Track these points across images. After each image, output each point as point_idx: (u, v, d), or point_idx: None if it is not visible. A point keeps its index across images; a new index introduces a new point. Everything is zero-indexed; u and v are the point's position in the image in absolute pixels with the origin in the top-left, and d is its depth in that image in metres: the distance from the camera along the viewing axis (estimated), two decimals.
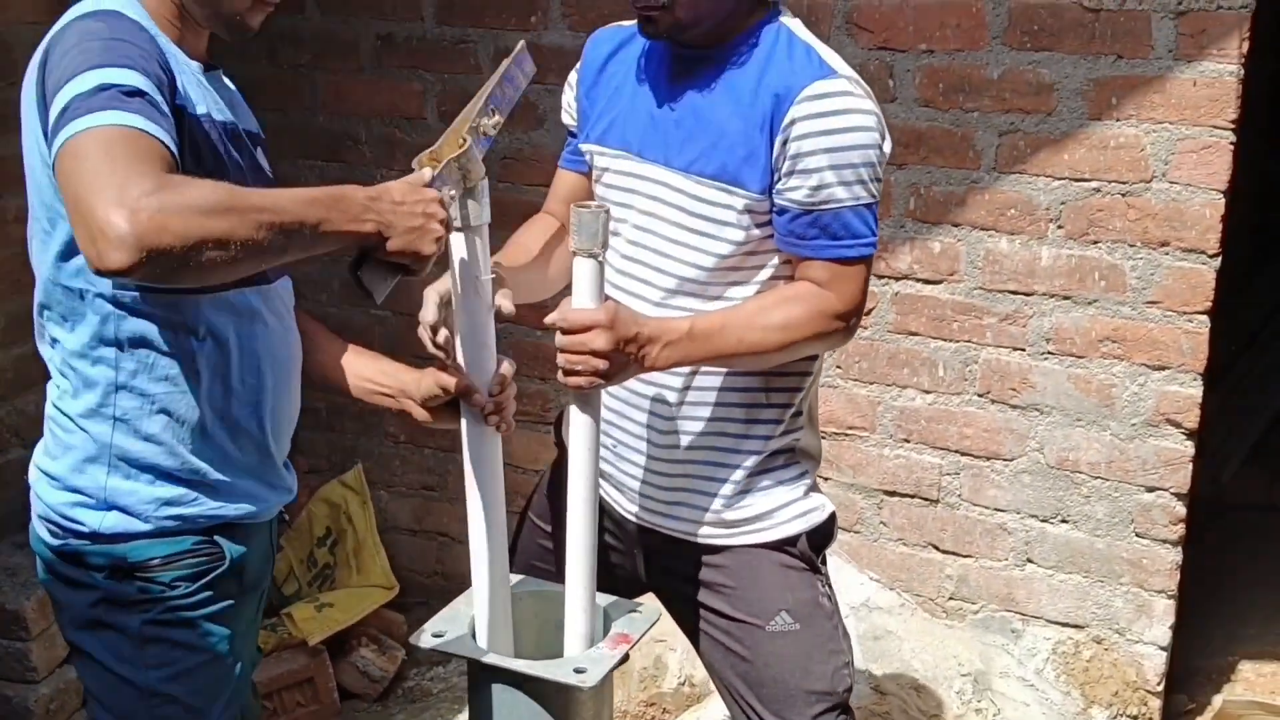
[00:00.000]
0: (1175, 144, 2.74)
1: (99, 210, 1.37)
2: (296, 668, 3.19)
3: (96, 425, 1.71)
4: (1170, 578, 2.98)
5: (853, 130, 1.84)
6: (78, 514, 1.72)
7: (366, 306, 3.68)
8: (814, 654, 2.03)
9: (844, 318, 1.92)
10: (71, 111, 1.45)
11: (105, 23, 1.57)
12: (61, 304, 1.70)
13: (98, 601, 1.74)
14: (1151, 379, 2.89)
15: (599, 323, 1.78)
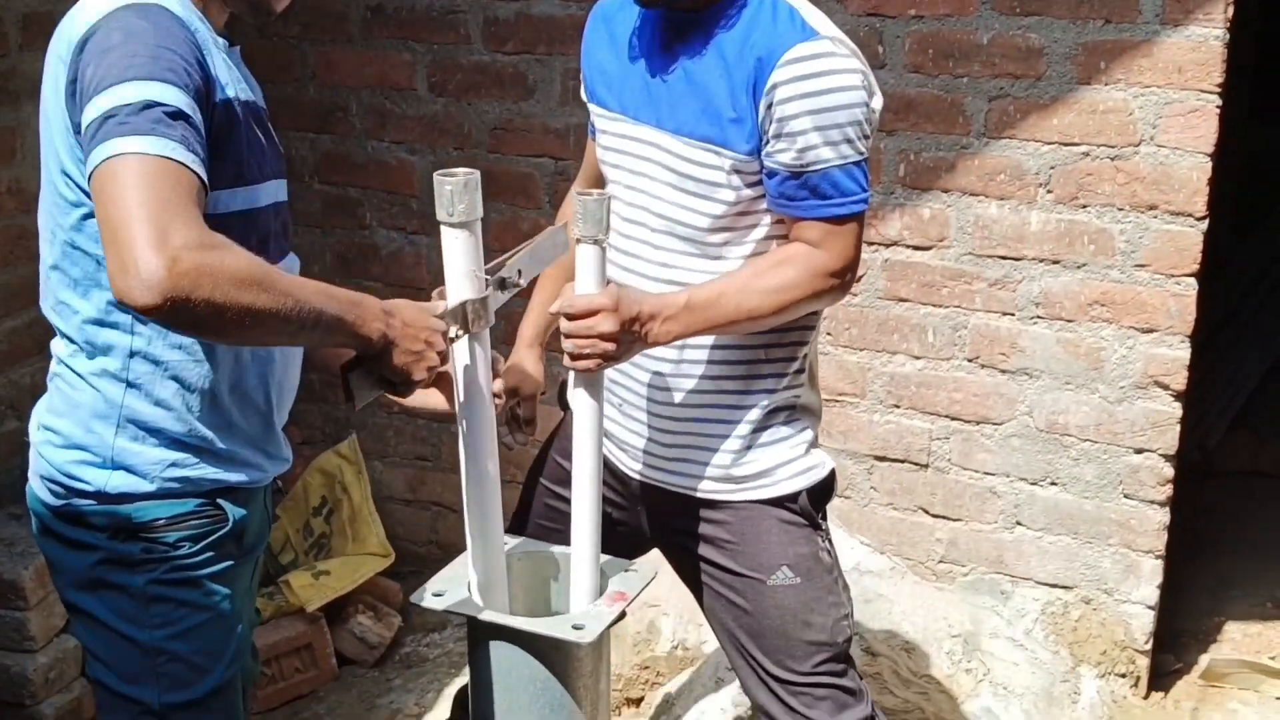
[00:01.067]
0: (1163, 108, 2.76)
1: (138, 248, 1.41)
2: (294, 634, 3.22)
3: (109, 385, 1.72)
4: (1158, 538, 3.02)
5: (836, 91, 1.86)
6: (83, 472, 1.73)
7: (359, 279, 3.69)
8: (814, 607, 2.07)
9: (839, 274, 1.94)
10: (115, 125, 1.48)
11: (150, 21, 1.57)
12: (78, 268, 1.70)
13: (100, 561, 1.75)
14: (1140, 342, 2.92)
15: (604, 306, 1.82)
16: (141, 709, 1.78)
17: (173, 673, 1.77)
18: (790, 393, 2.09)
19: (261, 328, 1.50)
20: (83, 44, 1.57)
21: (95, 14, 1.59)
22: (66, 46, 1.62)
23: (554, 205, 3.37)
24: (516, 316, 3.51)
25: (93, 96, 1.51)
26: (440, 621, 3.50)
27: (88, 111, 1.51)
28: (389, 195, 3.59)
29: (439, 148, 3.49)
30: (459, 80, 3.42)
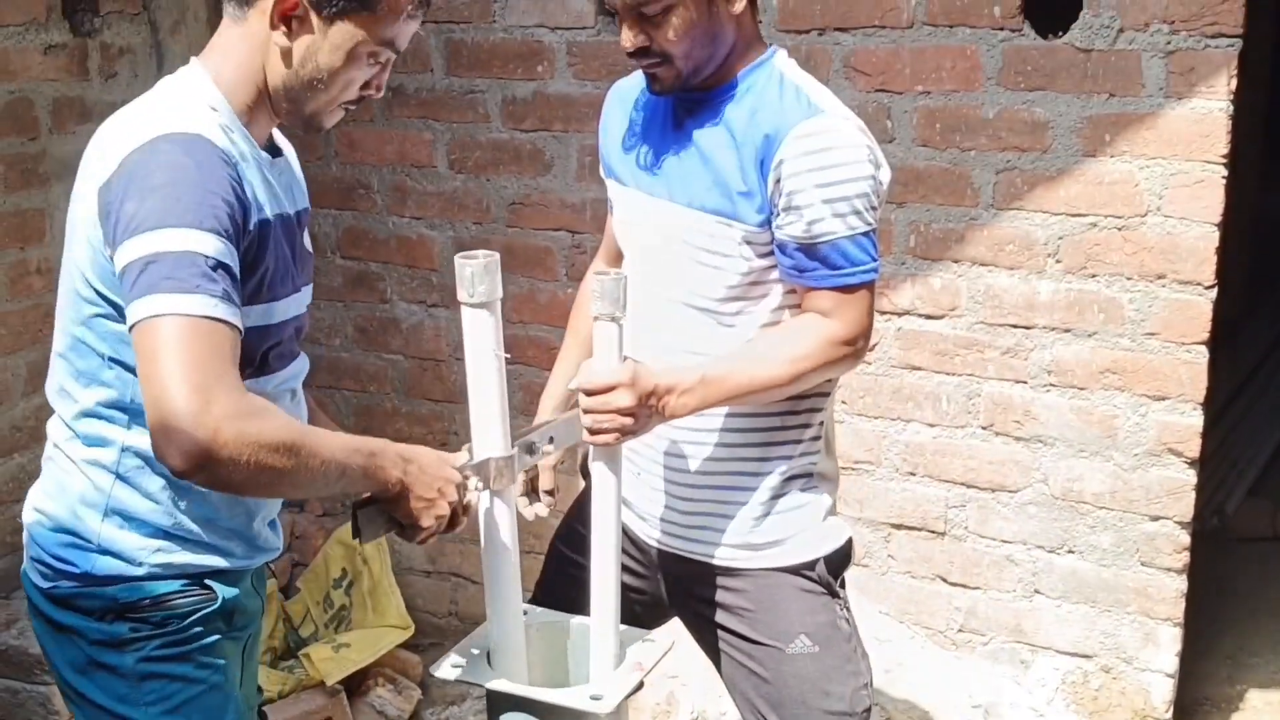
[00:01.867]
0: (1168, 179, 2.81)
1: (180, 414, 1.48)
2: (314, 708, 3.23)
3: (99, 475, 1.74)
4: (1176, 605, 3.02)
5: (842, 165, 1.91)
6: (70, 555, 1.74)
7: (379, 351, 3.75)
8: (833, 675, 2.08)
9: (851, 342, 1.98)
10: (160, 278, 1.51)
11: (194, 160, 1.58)
12: (83, 360, 1.72)
13: (91, 644, 1.75)
14: (1152, 409, 2.94)
15: (621, 382, 1.87)
16: None
17: None
18: (807, 459, 2.12)
19: (289, 486, 1.60)
20: (122, 171, 1.59)
21: (135, 139, 1.61)
22: (101, 163, 1.64)
23: (571, 278, 3.43)
24: (537, 387, 3.56)
25: (135, 235, 1.53)
26: (460, 694, 3.51)
27: (129, 248, 1.54)
28: (409, 270, 3.66)
29: (458, 223, 3.56)
30: (478, 157, 3.49)
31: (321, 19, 1.68)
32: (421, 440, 3.73)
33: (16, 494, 3.11)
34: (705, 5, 1.91)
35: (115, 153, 1.61)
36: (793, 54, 3.01)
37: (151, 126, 1.62)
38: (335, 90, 1.74)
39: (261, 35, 1.70)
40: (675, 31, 1.91)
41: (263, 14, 1.69)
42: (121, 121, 1.69)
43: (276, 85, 1.73)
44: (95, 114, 3.27)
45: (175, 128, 1.61)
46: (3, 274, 3.08)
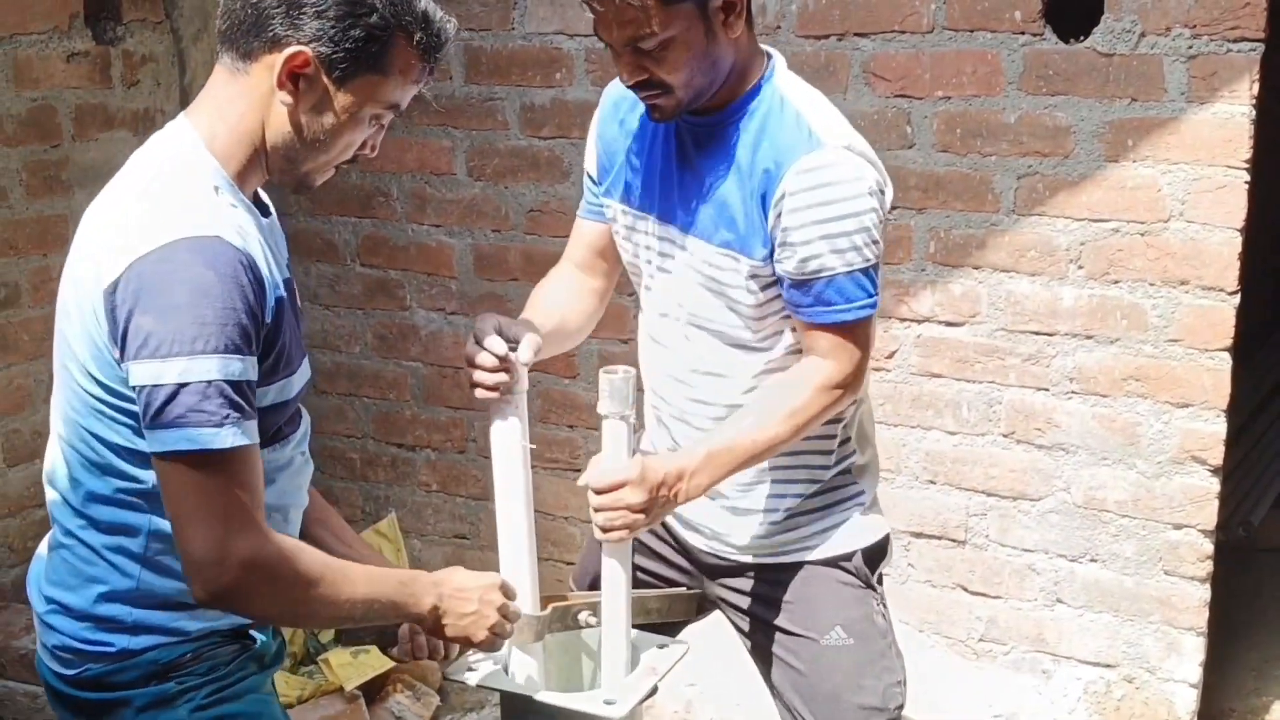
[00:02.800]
0: (1191, 184, 2.79)
1: (203, 559, 1.53)
2: (333, 714, 3.22)
3: (125, 561, 1.68)
4: (1199, 615, 2.99)
5: (842, 200, 1.88)
6: (103, 637, 1.69)
7: (398, 358, 3.75)
8: (866, 669, 2.09)
9: (844, 384, 1.97)
10: (187, 409, 1.49)
11: (216, 271, 1.51)
12: (94, 452, 1.65)
13: (139, 710, 1.70)
14: (1175, 417, 2.91)
15: (630, 479, 1.87)
16: None
17: None
18: (844, 462, 2.13)
19: (310, 620, 1.65)
20: (134, 277, 1.51)
21: (146, 240, 1.53)
22: (103, 255, 1.55)
23: None
24: (556, 394, 3.56)
25: (157, 357, 1.49)
26: (478, 701, 3.50)
27: (151, 369, 1.49)
28: (429, 277, 3.66)
29: (477, 230, 3.56)
30: (496, 164, 3.50)
31: (331, 80, 1.62)
32: (440, 447, 3.74)
33: (38, 498, 3.12)
34: (702, 34, 1.86)
35: (122, 251, 1.53)
36: (812, 60, 3.05)
37: (164, 226, 1.53)
38: (335, 151, 1.69)
39: (263, 91, 1.62)
40: (674, 63, 1.86)
41: (269, 70, 1.61)
42: (123, 207, 1.61)
43: (275, 144, 1.65)
44: (117, 121, 3.30)
45: (190, 230, 1.53)
46: (25, 280, 3.11)
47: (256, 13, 1.60)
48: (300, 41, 1.59)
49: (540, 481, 3.58)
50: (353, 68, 1.62)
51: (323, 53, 1.60)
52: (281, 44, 1.60)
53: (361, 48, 1.61)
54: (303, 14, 1.59)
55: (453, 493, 3.78)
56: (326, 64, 1.61)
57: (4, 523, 3.11)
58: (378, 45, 1.62)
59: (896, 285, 3.10)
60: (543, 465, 3.54)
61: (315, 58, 1.60)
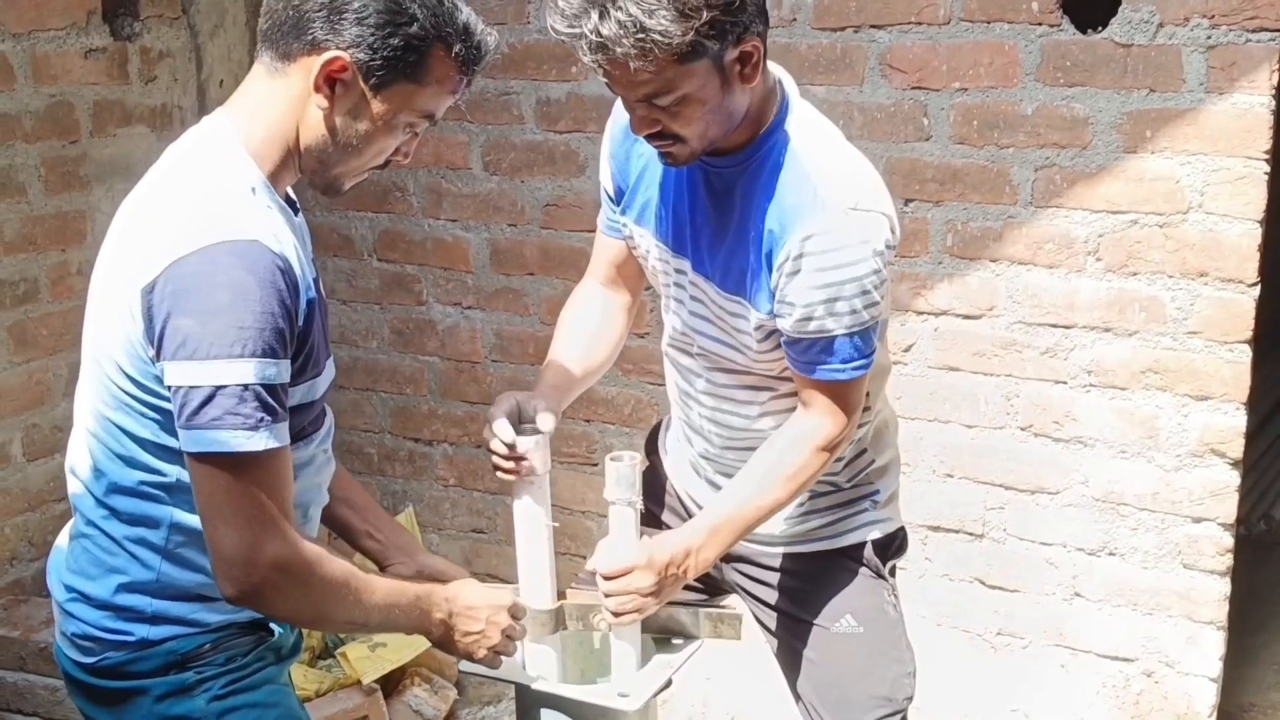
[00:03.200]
0: (1210, 175, 2.77)
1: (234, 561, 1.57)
2: (351, 707, 3.23)
3: (146, 553, 1.70)
4: (1219, 608, 2.97)
5: (843, 265, 1.84)
6: (123, 626, 1.71)
7: (415, 353, 3.76)
8: (877, 659, 2.11)
9: (837, 442, 1.97)
10: (224, 412, 1.51)
11: (255, 276, 1.53)
12: (119, 444, 1.67)
13: (158, 699, 1.72)
14: (1195, 410, 2.89)
15: (638, 565, 1.90)
16: None
17: None
18: (859, 475, 2.13)
19: (330, 625, 1.68)
20: (173, 278, 1.53)
21: (185, 241, 1.54)
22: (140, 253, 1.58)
23: None
24: None
25: (196, 359, 1.51)
26: (496, 694, 3.51)
27: (189, 371, 1.51)
28: (445, 272, 3.67)
29: (493, 224, 3.57)
30: (512, 159, 3.50)
31: (368, 86, 1.63)
32: (457, 441, 3.75)
33: (58, 492, 3.15)
34: (718, 88, 1.78)
35: (161, 250, 1.55)
36: (828, 52, 3.04)
37: (204, 228, 1.55)
38: (367, 156, 1.70)
39: (300, 93, 1.64)
40: (689, 118, 1.80)
41: (306, 72, 1.62)
42: (161, 206, 1.62)
43: (309, 145, 1.67)
44: (135, 117, 3.31)
45: (230, 234, 1.54)
46: (44, 276, 3.12)
47: (298, 15, 1.62)
48: (339, 46, 1.61)
49: (556, 476, 3.56)
50: (390, 75, 1.63)
51: (361, 59, 1.61)
52: (321, 48, 1.61)
53: (400, 56, 1.62)
54: (344, 19, 1.60)
55: (470, 487, 3.79)
56: (364, 70, 1.62)
57: (24, 517, 3.13)
58: (416, 55, 1.63)
59: (913, 279, 3.09)
60: (559, 460, 3.53)
61: (353, 63, 1.61)
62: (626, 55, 1.70)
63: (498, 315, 3.63)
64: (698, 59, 1.73)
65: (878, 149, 3.01)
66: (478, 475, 3.77)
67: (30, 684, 2.93)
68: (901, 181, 3.03)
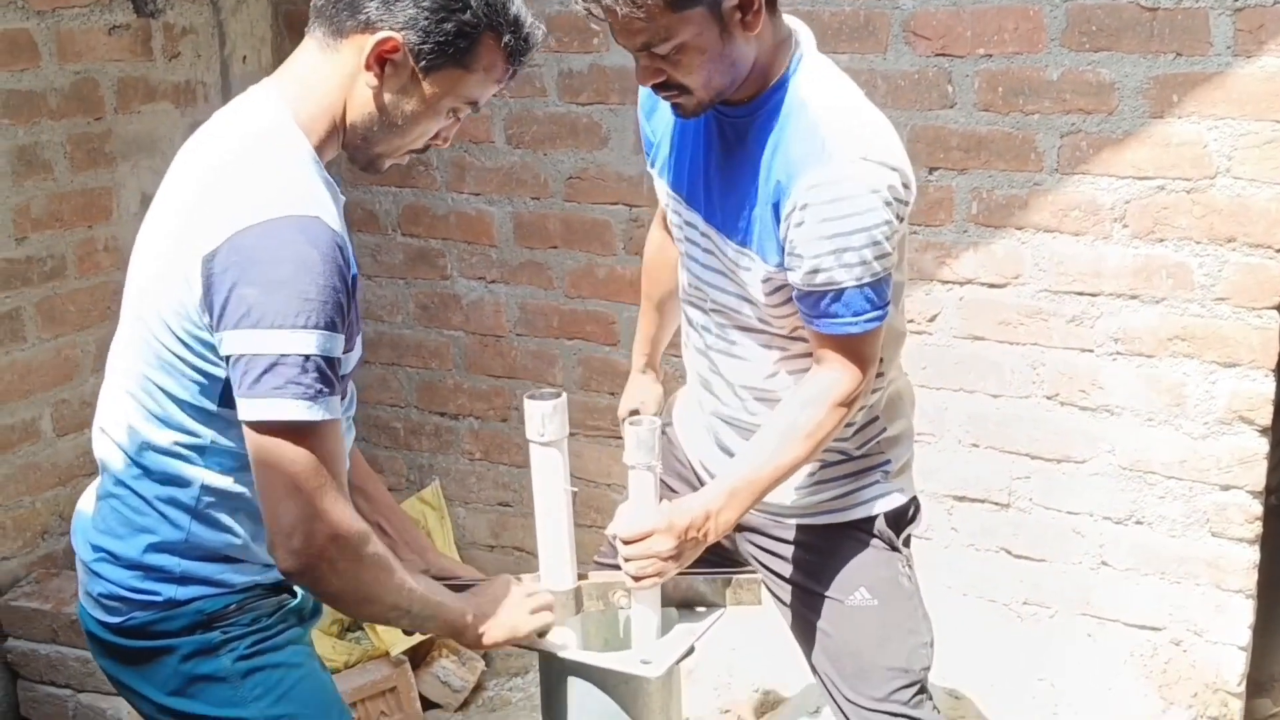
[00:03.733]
0: (1237, 139, 2.73)
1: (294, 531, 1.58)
2: (380, 678, 3.26)
3: (176, 514, 1.72)
4: (1248, 576, 2.95)
5: (851, 215, 1.82)
6: (150, 586, 1.73)
7: (440, 327, 3.77)
8: (892, 631, 2.10)
9: (853, 397, 1.95)
10: (283, 379, 1.53)
11: (319, 251, 1.55)
12: (156, 404, 1.69)
13: (184, 659, 1.74)
14: (1223, 377, 2.87)
15: (657, 528, 1.90)
16: None
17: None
18: (870, 443, 2.12)
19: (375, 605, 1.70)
20: (236, 248, 1.55)
21: (248, 213, 1.56)
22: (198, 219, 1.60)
23: (629, 252, 3.42)
24: (596, 362, 3.56)
25: (259, 327, 1.53)
26: (523, 666, 3.53)
27: (251, 339, 1.53)
28: (469, 246, 3.67)
29: (516, 198, 3.57)
30: (535, 132, 3.49)
31: (417, 68, 1.66)
32: (482, 415, 3.76)
33: (88, 467, 3.18)
34: (717, 35, 1.78)
35: (223, 220, 1.57)
36: (851, 19, 3.02)
37: (266, 201, 1.58)
38: (410, 137, 1.73)
39: (350, 70, 1.67)
40: (690, 66, 1.80)
41: (358, 50, 1.65)
42: (218, 175, 1.64)
43: (355, 122, 1.70)
44: (159, 94, 3.33)
45: (293, 209, 1.57)
46: (71, 252, 3.15)
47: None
48: (393, 27, 1.63)
49: (581, 449, 3.59)
50: (439, 59, 1.66)
51: (412, 41, 1.64)
52: (374, 27, 1.64)
53: (450, 41, 1.65)
54: (400, 1, 1.63)
55: (496, 460, 3.80)
56: (415, 52, 1.65)
57: (54, 491, 3.16)
58: (466, 41, 1.66)
59: (938, 248, 3.07)
60: (585, 433, 3.55)
61: (405, 45, 1.64)
62: (615, 3, 1.72)
63: (522, 289, 3.63)
64: (692, 5, 1.74)
65: (902, 117, 2.99)
66: (503, 449, 3.78)
67: (62, 656, 2.97)
68: (926, 150, 3.01)
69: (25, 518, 3.11)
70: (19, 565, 3.10)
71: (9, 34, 2.94)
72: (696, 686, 3.09)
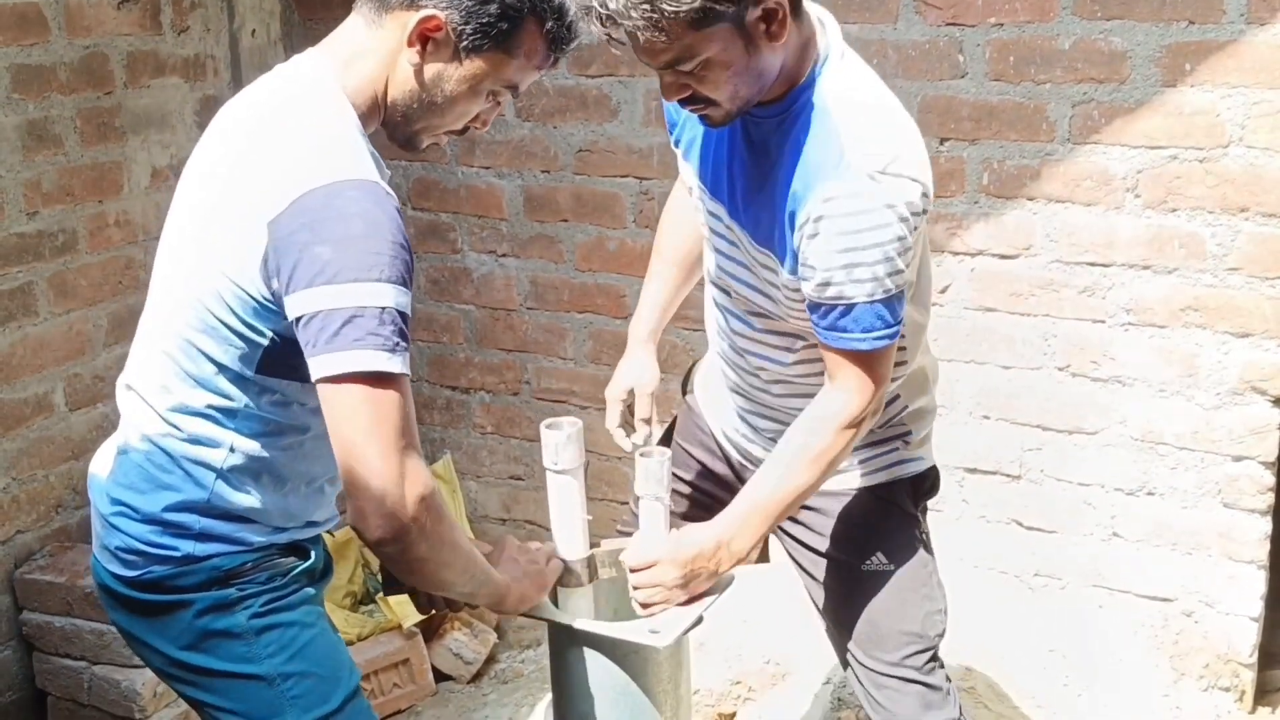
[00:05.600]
0: (1251, 108, 2.72)
1: (387, 489, 1.54)
2: (393, 650, 3.28)
3: (202, 472, 1.73)
4: (1260, 547, 2.95)
5: (864, 230, 1.77)
6: (168, 541, 1.74)
7: (451, 301, 3.77)
8: (906, 596, 2.11)
9: (863, 416, 1.92)
10: (363, 331, 1.52)
11: (385, 212, 1.56)
12: (193, 364, 1.70)
13: (199, 613, 1.75)
14: (1235, 347, 2.86)
15: (661, 558, 1.89)
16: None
17: (304, 691, 1.79)
18: (891, 426, 2.12)
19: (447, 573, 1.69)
20: (303, 210, 1.56)
21: (311, 177, 1.57)
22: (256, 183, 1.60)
23: (639, 225, 3.42)
24: (608, 335, 3.56)
25: (334, 283, 1.53)
26: (534, 638, 3.54)
27: (325, 295, 1.53)
28: (479, 219, 3.67)
29: (526, 171, 3.56)
30: (545, 104, 3.48)
31: (459, 48, 1.66)
32: (494, 389, 3.77)
33: (100, 440, 3.18)
34: (742, 49, 1.73)
35: (286, 184, 1.58)
36: None
37: (328, 166, 1.58)
38: (450, 118, 1.74)
39: (392, 46, 1.68)
40: (716, 81, 1.75)
41: (402, 27, 1.66)
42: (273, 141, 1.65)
43: (396, 99, 1.71)
44: (169, 68, 3.32)
45: (356, 174, 1.59)
46: (82, 227, 3.15)
47: None
48: (436, 6, 1.65)
49: (594, 422, 3.59)
50: (481, 41, 1.66)
51: (455, 20, 1.65)
52: (418, 5, 1.66)
53: (493, 24, 1.65)
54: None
55: (507, 434, 3.81)
56: (457, 33, 1.66)
57: (68, 465, 3.17)
58: (509, 25, 1.66)
59: (949, 219, 3.06)
60: (596, 407, 3.55)
61: (448, 24, 1.65)
62: (636, 28, 1.67)
63: (532, 262, 3.63)
64: (715, 23, 1.68)
65: (912, 88, 2.98)
66: (514, 422, 3.78)
67: (77, 628, 2.99)
68: (937, 120, 3.00)
69: (39, 491, 3.12)
70: (34, 539, 3.12)
71: (18, 8, 2.94)
72: (707, 658, 3.10)
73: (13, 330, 3.02)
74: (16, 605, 3.07)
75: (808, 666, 3.08)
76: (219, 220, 1.66)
